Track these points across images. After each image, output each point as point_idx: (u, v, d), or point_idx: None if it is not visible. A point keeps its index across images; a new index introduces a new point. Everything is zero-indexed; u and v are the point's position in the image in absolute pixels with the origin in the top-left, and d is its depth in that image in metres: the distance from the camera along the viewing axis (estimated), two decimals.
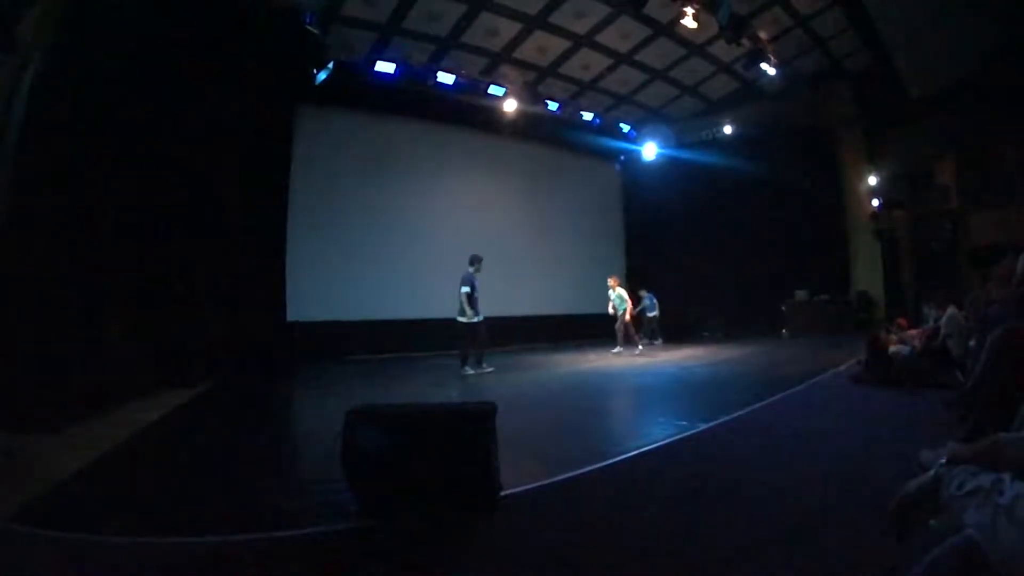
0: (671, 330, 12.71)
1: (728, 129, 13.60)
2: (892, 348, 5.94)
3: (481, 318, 7.86)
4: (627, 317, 10.56)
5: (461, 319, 7.80)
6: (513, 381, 7.46)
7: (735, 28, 8.82)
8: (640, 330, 12.32)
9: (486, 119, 11.97)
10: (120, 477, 3.40)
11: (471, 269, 7.93)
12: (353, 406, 2.70)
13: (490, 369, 7.96)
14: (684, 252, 14.52)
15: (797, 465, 3.13)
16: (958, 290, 5.91)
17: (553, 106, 12.52)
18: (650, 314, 12.27)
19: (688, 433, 3.97)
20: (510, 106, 11.45)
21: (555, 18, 9.99)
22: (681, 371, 7.97)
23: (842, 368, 6.65)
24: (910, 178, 12.27)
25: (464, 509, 2.52)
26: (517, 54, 11.00)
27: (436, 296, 10.90)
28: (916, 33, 9.48)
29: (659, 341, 12.06)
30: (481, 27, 10.06)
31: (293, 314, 9.50)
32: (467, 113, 12.01)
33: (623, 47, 11.09)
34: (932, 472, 1.23)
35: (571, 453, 3.52)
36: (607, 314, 10.96)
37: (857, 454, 3.25)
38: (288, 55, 8.65)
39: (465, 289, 7.76)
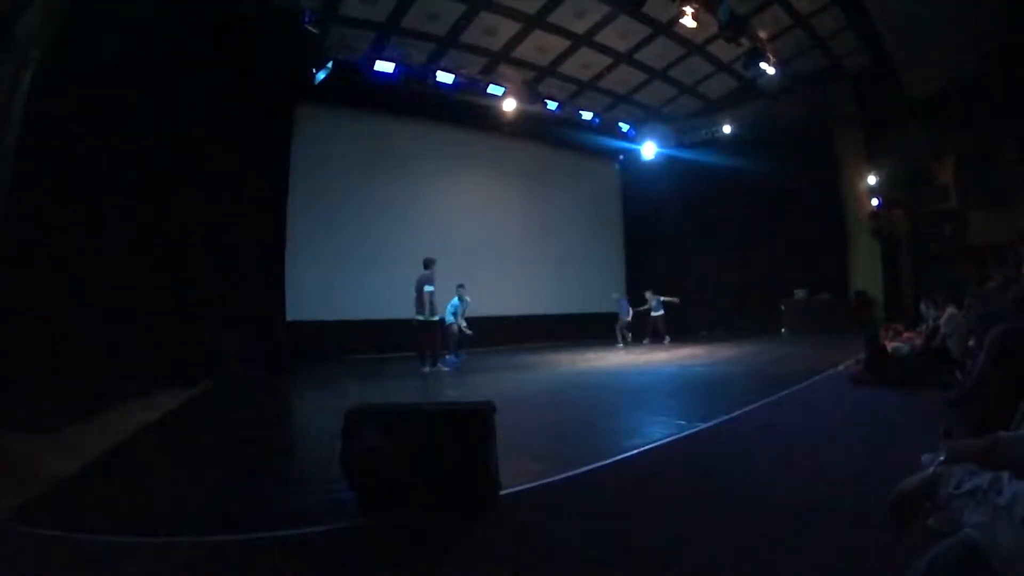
0: (670, 330, 12.70)
1: (727, 128, 13.60)
2: (891, 347, 5.94)
3: (438, 317, 8.25)
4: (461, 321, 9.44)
5: (420, 317, 8.10)
6: (512, 380, 7.46)
7: (734, 27, 8.82)
8: (645, 330, 12.43)
9: (485, 118, 11.96)
10: (119, 477, 3.40)
11: (428, 271, 8.21)
12: (352, 406, 2.70)
13: (447, 368, 8.25)
14: (683, 251, 14.54)
15: (796, 465, 3.13)
16: (958, 290, 5.89)
17: (552, 105, 12.50)
18: (655, 314, 12.32)
19: (687, 432, 3.96)
20: (509, 105, 11.44)
21: (554, 17, 9.98)
22: (681, 370, 7.98)
23: (841, 368, 6.64)
24: (910, 178, 12.26)
25: (464, 509, 2.52)
26: (516, 53, 10.99)
27: (435, 296, 10.93)
28: (916, 33, 9.47)
29: (667, 340, 12.07)
30: (480, 26, 10.05)
31: (293, 314, 9.49)
32: (466, 112, 12.01)
33: (622, 46, 11.08)
34: (931, 470, 1.23)
35: (571, 452, 3.52)
36: (606, 313, 10.90)
37: (856, 454, 3.24)
38: (287, 55, 8.64)
39: (430, 288, 8.08)
